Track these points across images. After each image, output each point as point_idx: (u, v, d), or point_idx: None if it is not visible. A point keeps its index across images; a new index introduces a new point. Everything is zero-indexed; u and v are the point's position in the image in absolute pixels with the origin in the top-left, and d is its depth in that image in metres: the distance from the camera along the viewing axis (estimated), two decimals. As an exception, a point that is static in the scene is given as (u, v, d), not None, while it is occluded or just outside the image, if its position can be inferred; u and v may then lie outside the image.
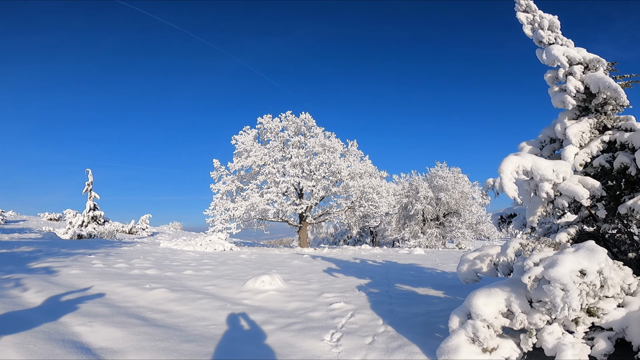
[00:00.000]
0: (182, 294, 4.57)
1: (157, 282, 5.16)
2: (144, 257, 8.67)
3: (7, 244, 10.10)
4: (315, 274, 7.12)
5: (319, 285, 5.80)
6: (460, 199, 26.65)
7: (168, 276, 5.79)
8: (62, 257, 7.70)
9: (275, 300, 4.66)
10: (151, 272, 6.08)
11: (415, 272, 8.07)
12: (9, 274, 4.88)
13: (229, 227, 16.52)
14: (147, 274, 5.90)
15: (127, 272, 5.94)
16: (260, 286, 5.30)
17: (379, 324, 3.77)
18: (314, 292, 5.23)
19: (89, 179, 19.65)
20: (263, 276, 5.46)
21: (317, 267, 8.33)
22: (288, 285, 5.56)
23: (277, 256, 11.63)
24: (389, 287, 5.99)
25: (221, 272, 6.61)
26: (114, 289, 4.57)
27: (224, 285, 5.41)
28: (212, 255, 10.52)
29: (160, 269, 6.36)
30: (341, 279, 6.57)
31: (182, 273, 6.20)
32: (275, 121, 19.54)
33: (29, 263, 6.18)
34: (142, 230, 33.75)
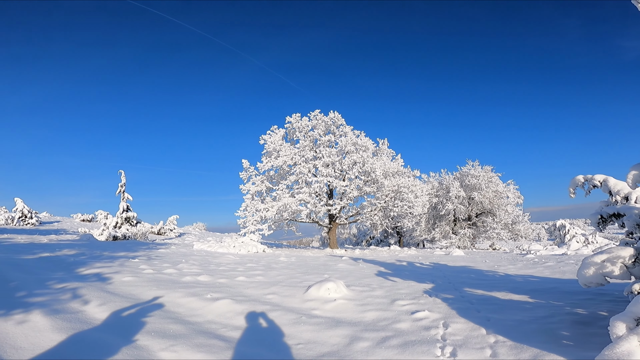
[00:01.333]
0: (247, 305, 4.16)
1: (215, 291, 4.78)
2: (187, 261, 8.40)
3: (48, 247, 10.07)
4: (371, 278, 6.63)
5: (383, 292, 5.32)
6: (494, 198, 25.53)
7: (222, 284, 5.41)
8: (106, 261, 7.49)
9: (348, 310, 4.21)
10: (203, 278, 5.73)
11: (476, 275, 7.48)
12: (62, 282, 4.61)
13: (261, 228, 16.22)
14: (200, 281, 5.54)
15: (179, 279, 5.60)
16: (325, 294, 4.85)
17: (482, 333, 3.36)
18: (384, 300, 4.78)
19: (122, 180, 19.81)
20: (327, 283, 5.01)
21: (367, 271, 7.82)
22: (352, 292, 5.11)
23: (316, 258, 11.20)
24: (460, 291, 5.49)
25: (273, 278, 6.19)
26: (175, 299, 4.21)
27: (285, 293, 4.98)
28: (252, 258, 10.17)
29: (211, 275, 6.00)
30: (402, 284, 6.08)
31: (235, 280, 5.82)
32: (304, 120, 19.15)
33: (78, 269, 5.94)
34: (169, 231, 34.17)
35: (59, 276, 5.12)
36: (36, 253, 8.16)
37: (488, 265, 9.58)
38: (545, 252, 14.06)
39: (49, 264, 6.35)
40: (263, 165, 18.17)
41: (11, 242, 11.13)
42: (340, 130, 19.40)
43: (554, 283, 6.16)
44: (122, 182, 20.02)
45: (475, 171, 26.22)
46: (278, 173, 19.46)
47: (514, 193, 26.20)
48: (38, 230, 19.54)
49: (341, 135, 19.25)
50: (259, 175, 19.32)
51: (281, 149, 17.76)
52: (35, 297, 3.69)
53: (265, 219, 16.70)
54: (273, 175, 19.60)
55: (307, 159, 17.71)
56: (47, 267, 6.00)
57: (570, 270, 7.82)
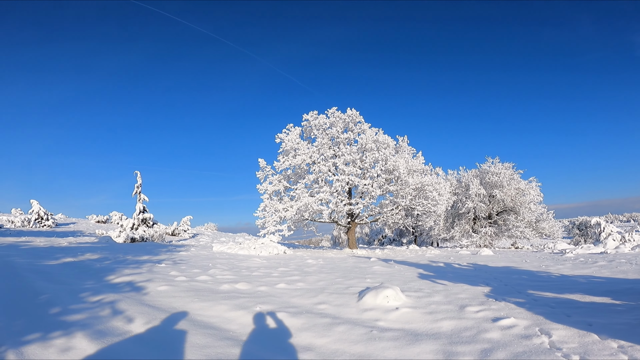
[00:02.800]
0: (304, 318, 3.68)
1: (261, 301, 4.31)
2: (215, 265, 7.98)
3: (69, 251, 9.76)
4: (417, 282, 6.13)
5: (441, 297, 4.84)
6: (517, 195, 24.71)
7: (265, 293, 4.94)
8: (133, 266, 7.10)
9: (416, 320, 3.73)
10: (241, 286, 5.27)
11: (528, 277, 6.95)
12: (96, 293, 4.18)
13: (281, 229, 15.77)
14: (239, 289, 5.08)
15: (216, 287, 5.16)
16: (384, 302, 4.37)
17: (596, 339, 2.97)
18: (449, 306, 4.32)
19: (138, 181, 19.57)
20: (385, 290, 4.52)
21: (407, 274, 7.28)
22: (410, 299, 4.63)
23: (343, 260, 10.70)
24: (526, 294, 5.05)
25: (315, 285, 5.71)
26: (223, 313, 3.75)
27: (336, 302, 4.49)
28: (278, 261, 9.71)
29: (249, 283, 5.55)
30: (455, 287, 5.59)
31: (275, 287, 5.35)
32: (321, 118, 18.65)
33: (107, 276, 5.54)
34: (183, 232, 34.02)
35: (90, 285, 4.70)
36: (59, 258, 7.81)
37: (533, 265, 8.98)
38: (581, 251, 13.36)
39: (75, 271, 5.96)
40: (280, 164, 17.71)
41: (30, 246, 10.85)
42: (359, 127, 18.87)
43: (625, 284, 5.58)
44: (138, 182, 19.78)
45: (496, 168, 25.44)
46: (295, 172, 19.02)
47: (535, 190, 25.33)
48: (55, 232, 19.41)
49: (360, 132, 18.71)
50: (276, 174, 18.90)
51: (299, 147, 17.29)
52: (72, 314, 3.26)
53: (285, 219, 16.25)
54: (290, 175, 19.15)
55: (327, 157, 17.21)
56: (74, 274, 5.61)
57: (631, 269, 7.19)
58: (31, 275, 5.22)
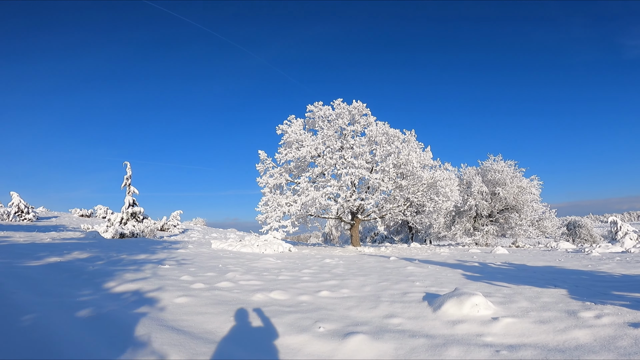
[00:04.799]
0: (391, 341, 2.74)
1: (315, 317, 3.33)
2: (226, 267, 6.94)
3: (53, 248, 8.54)
4: (475, 284, 5.28)
5: (528, 303, 4.02)
6: (519, 194, 24.28)
7: (310, 303, 3.96)
8: (132, 269, 6.01)
9: (535, 333, 2.94)
10: (277, 295, 4.27)
11: (588, 277, 6.26)
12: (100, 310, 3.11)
13: (284, 224, 14.75)
14: (276, 300, 4.08)
15: (246, 296, 4.14)
16: (473, 312, 3.52)
17: None
18: (554, 313, 3.52)
19: (128, 172, 18.17)
20: (472, 297, 3.65)
21: (451, 275, 6.36)
22: (500, 307, 3.83)
23: (360, 258, 9.77)
24: (615, 295, 4.31)
25: (362, 291, 4.75)
26: (281, 338, 2.75)
27: (406, 313, 3.57)
28: (296, 262, 8.71)
29: (283, 290, 4.54)
30: (525, 290, 4.82)
31: (318, 296, 4.37)
32: (326, 109, 17.65)
33: (106, 282, 4.45)
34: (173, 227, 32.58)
35: (87, 297, 3.63)
36: (42, 258, 6.63)
37: (573, 264, 8.27)
38: (601, 250, 12.84)
39: (64, 275, 4.84)
40: (283, 157, 16.65)
41: (9, 242, 9.56)
42: (365, 120, 17.94)
43: None
44: (127, 174, 18.38)
45: (498, 166, 24.98)
46: (298, 165, 17.99)
47: (537, 189, 24.97)
48: (36, 226, 17.88)
49: (366, 125, 17.80)
50: (277, 167, 17.84)
51: (305, 139, 16.26)
52: (72, 348, 2.21)
53: (288, 214, 15.23)
54: (292, 168, 18.11)
55: (333, 150, 16.22)
56: (64, 280, 4.50)
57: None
58: (9, 281, 4.10)
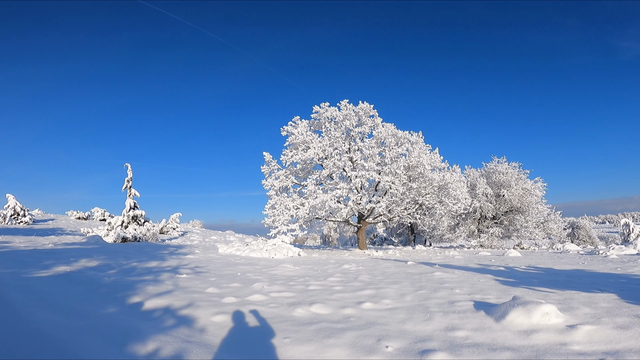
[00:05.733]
0: (475, 358, 2.39)
1: (373, 333, 2.98)
2: (245, 275, 6.55)
3: (58, 255, 8.09)
4: (516, 290, 5.00)
5: (590, 309, 3.83)
6: (524, 195, 24.10)
7: (358, 317, 3.59)
8: (149, 278, 5.61)
9: (623, 339, 2.62)
10: (319, 309, 3.90)
11: (627, 280, 5.95)
12: (137, 336, 2.72)
13: (293, 228, 14.36)
14: (319, 314, 3.71)
15: (285, 312, 3.77)
16: (544, 320, 3.34)
17: None
18: (625, 318, 3.32)
19: (128, 174, 17.70)
20: (543, 306, 3.42)
21: (483, 280, 6.02)
22: (567, 315, 3.56)
23: (377, 263, 9.42)
24: None
25: (403, 300, 4.39)
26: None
27: (466, 325, 3.28)
28: (311, 266, 8.32)
29: (322, 303, 4.16)
30: (575, 295, 4.60)
31: (361, 308, 4.01)
32: (332, 110, 17.30)
33: (129, 297, 4.06)
34: (172, 229, 32.06)
35: (116, 317, 3.23)
36: (49, 267, 6.19)
37: (599, 267, 7.99)
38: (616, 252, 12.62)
39: (80, 289, 4.43)
40: (289, 158, 16.28)
41: (10, 248, 9.07)
42: (372, 121, 17.62)
43: None
44: (128, 176, 17.91)
45: (503, 168, 24.80)
46: (304, 167, 17.62)
47: (541, 191, 24.83)
48: (33, 229, 17.32)
49: (373, 126, 17.48)
50: (282, 169, 17.46)
51: (312, 141, 15.89)
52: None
53: (296, 217, 14.84)
54: (298, 170, 17.73)
55: (341, 152, 15.87)
56: (82, 295, 4.09)
57: None
58: (22, 297, 3.68)
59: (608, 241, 42.70)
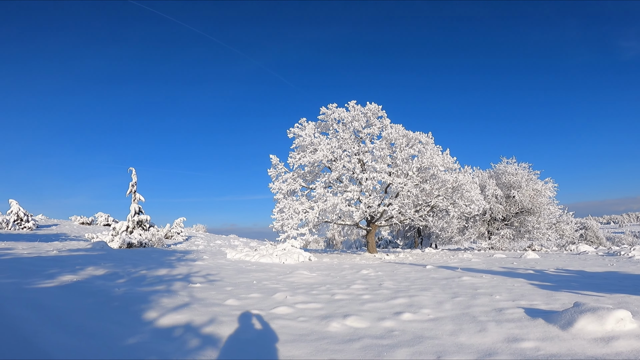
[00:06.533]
0: None
1: (427, 350, 2.57)
2: (261, 283, 6.15)
3: (63, 263, 7.71)
4: (563, 294, 4.57)
5: None
6: (535, 196, 23.63)
7: (400, 330, 3.18)
8: (161, 288, 5.23)
9: None
10: (356, 323, 3.50)
11: None
12: None
13: (303, 232, 13.96)
14: (357, 329, 3.31)
15: (319, 326, 3.37)
16: (619, 327, 3.04)
17: None
18: None
19: (133, 179, 17.34)
20: (616, 312, 3.10)
21: (517, 285, 5.59)
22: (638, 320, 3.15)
23: (396, 268, 8.99)
24: None
25: (443, 309, 3.96)
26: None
27: (529, 334, 2.86)
28: (328, 272, 7.90)
29: (358, 315, 3.75)
30: (628, 300, 4.14)
31: (400, 319, 3.59)
32: (340, 111, 16.94)
33: (145, 312, 3.67)
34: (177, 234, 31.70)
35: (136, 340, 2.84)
36: (54, 276, 5.82)
37: (632, 269, 7.58)
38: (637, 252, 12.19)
39: (89, 301, 4.04)
40: (296, 161, 15.90)
41: (12, 256, 8.70)
42: (380, 122, 17.25)
43: None
44: (133, 181, 17.54)
45: (512, 169, 24.36)
46: (312, 170, 17.24)
47: (552, 192, 24.35)
48: (37, 235, 16.97)
49: (382, 127, 17.10)
50: (289, 172, 17.09)
51: (320, 143, 15.53)
52: None
53: (306, 221, 14.45)
54: (306, 172, 17.36)
55: (351, 153, 15.50)
56: (91, 308, 3.71)
57: None
58: (25, 312, 3.31)
59: (614, 242, 41.98)
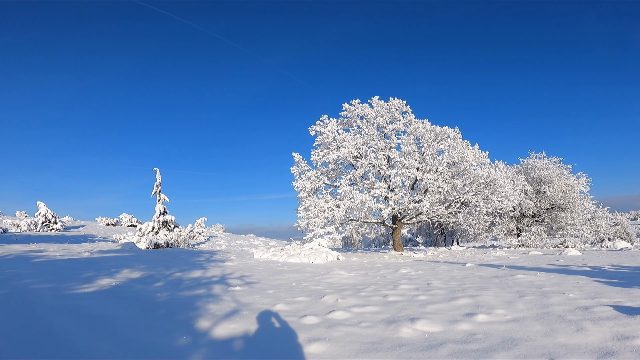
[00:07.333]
0: None
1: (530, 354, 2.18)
2: (300, 285, 5.83)
3: (97, 265, 7.61)
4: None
5: None
6: (567, 191, 22.59)
7: (484, 333, 2.79)
8: (201, 292, 4.98)
9: None
10: (428, 327, 3.11)
11: None
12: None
13: (330, 231, 13.63)
14: (434, 333, 2.92)
15: (393, 334, 3.00)
16: None
17: None
18: None
19: (157, 179, 17.40)
20: None
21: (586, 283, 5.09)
22: None
23: (432, 266, 8.56)
24: None
25: (519, 311, 3.53)
26: None
27: (631, 342, 2.40)
28: (365, 272, 7.53)
29: (427, 319, 3.35)
30: None
31: (475, 321, 3.19)
32: (364, 107, 16.51)
33: (196, 321, 3.39)
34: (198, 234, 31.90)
35: (200, 358, 2.55)
36: (91, 280, 5.66)
37: None
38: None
39: (135, 308, 3.80)
40: (320, 158, 15.56)
41: (45, 258, 8.69)
42: (405, 118, 16.73)
43: None
44: (157, 181, 17.61)
45: (542, 163, 23.38)
46: (336, 167, 16.88)
47: (585, 187, 23.23)
48: (65, 237, 17.25)
49: (407, 123, 16.57)
50: (312, 169, 16.78)
51: (344, 139, 15.14)
52: None
53: (333, 219, 14.11)
54: (330, 170, 17.01)
55: (377, 149, 15.05)
56: (138, 318, 3.46)
57: None
58: (71, 325, 3.07)
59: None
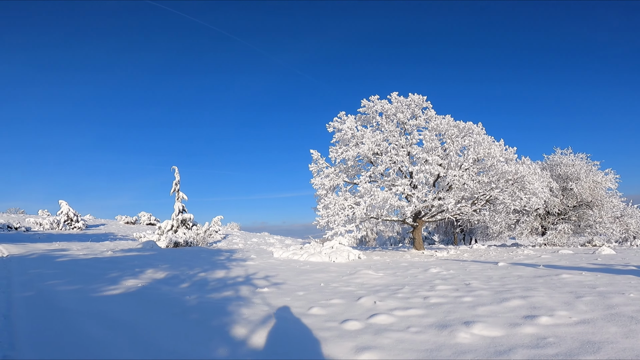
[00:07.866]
0: None
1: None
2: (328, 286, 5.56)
3: (121, 265, 7.53)
4: None
5: None
6: (595, 189, 21.66)
7: (557, 337, 2.43)
8: (229, 295, 4.77)
9: None
10: (486, 331, 2.74)
11: None
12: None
13: (351, 229, 13.33)
14: (496, 337, 2.57)
15: (449, 340, 2.69)
16: None
17: None
18: None
19: (176, 177, 17.42)
20: None
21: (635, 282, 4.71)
22: None
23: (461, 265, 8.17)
24: None
25: (582, 313, 3.16)
26: None
27: None
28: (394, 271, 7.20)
29: (484, 322, 3.01)
30: None
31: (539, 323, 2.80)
32: (383, 103, 16.10)
33: (232, 328, 3.16)
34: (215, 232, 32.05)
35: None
36: (117, 281, 5.53)
37: None
38: None
39: (164, 312, 3.60)
40: (339, 155, 15.23)
41: (68, 257, 8.70)
42: (425, 114, 16.25)
43: None
44: (176, 179, 17.64)
45: (569, 159, 22.48)
46: (355, 164, 16.55)
47: (614, 183, 22.24)
48: (87, 235, 17.50)
49: (427, 119, 16.09)
50: (330, 167, 16.49)
51: (364, 135, 14.80)
52: None
53: (354, 217, 13.80)
54: (349, 167, 16.70)
55: (399, 146, 14.65)
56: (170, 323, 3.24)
57: None
58: (102, 334, 2.87)
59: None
